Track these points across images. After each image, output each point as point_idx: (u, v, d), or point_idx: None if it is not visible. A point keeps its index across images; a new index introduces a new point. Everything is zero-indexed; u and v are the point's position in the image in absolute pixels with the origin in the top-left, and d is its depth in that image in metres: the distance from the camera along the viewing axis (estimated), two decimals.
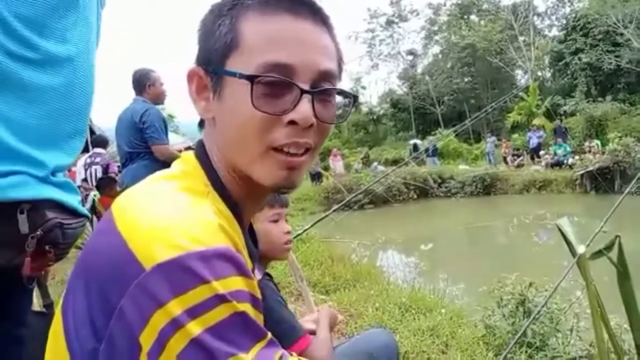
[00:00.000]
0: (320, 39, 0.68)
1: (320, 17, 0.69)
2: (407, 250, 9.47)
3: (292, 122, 0.64)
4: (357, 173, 18.79)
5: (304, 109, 0.64)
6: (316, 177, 17.46)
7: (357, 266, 5.19)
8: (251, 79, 0.63)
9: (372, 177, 14.33)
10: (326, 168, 19.61)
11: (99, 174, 6.54)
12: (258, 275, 1.40)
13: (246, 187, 0.71)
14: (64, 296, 0.65)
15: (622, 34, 25.21)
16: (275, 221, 1.52)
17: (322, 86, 0.67)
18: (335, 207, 3.38)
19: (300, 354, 1.32)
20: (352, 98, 0.76)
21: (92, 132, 8.18)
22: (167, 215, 0.59)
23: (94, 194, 5.84)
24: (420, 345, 2.92)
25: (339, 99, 0.73)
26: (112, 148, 7.75)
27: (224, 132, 0.69)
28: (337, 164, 20.02)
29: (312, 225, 3.52)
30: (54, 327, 0.65)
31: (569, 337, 2.88)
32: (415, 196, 14.43)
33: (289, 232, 1.54)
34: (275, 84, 0.64)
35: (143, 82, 3.74)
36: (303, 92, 0.64)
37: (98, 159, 6.84)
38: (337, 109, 0.73)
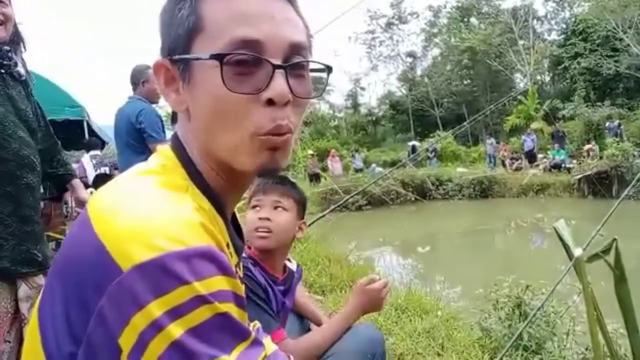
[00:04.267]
0: (286, 12, 0.65)
1: None
2: (404, 252, 9.47)
3: (269, 102, 0.62)
4: (356, 173, 18.80)
5: (279, 85, 0.61)
6: (314, 178, 17.46)
7: (354, 267, 5.18)
8: (219, 57, 0.60)
9: (370, 179, 14.33)
10: (324, 169, 19.60)
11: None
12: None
13: (227, 177, 0.69)
14: (40, 297, 0.63)
15: (621, 40, 25.31)
16: (254, 207, 1.48)
17: (294, 60, 0.64)
18: (332, 207, 3.36)
19: None
20: (327, 69, 0.72)
21: (90, 129, 8.13)
22: (145, 214, 0.56)
23: (90, 190, 5.82)
24: (416, 347, 2.92)
25: (312, 73, 0.70)
26: (112, 147, 7.79)
27: (200, 121, 0.66)
28: (335, 165, 20.02)
29: (308, 225, 3.50)
30: (30, 328, 0.63)
31: (565, 341, 2.87)
32: (413, 198, 14.43)
33: (263, 219, 1.46)
34: (245, 61, 0.61)
35: (138, 78, 3.69)
36: (275, 67, 0.61)
37: (97, 161, 6.91)
38: (313, 83, 0.70)
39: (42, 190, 2.07)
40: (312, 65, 0.69)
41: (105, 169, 6.76)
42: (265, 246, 1.47)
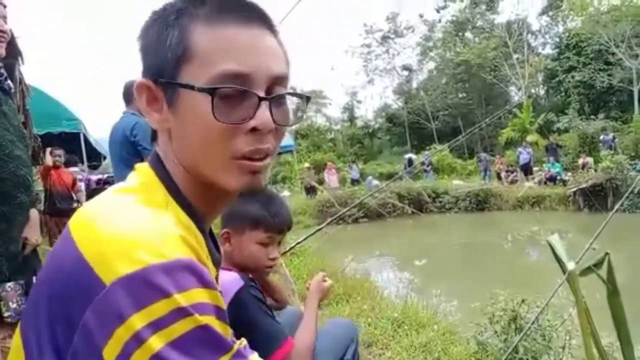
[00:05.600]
0: (269, 43, 0.68)
1: (265, 22, 0.69)
2: (400, 265, 9.44)
3: (253, 129, 0.65)
4: (353, 184, 18.80)
5: (264, 116, 0.65)
6: (310, 190, 17.45)
7: (350, 280, 5.17)
8: (210, 91, 0.63)
9: (367, 191, 14.33)
10: (321, 182, 19.60)
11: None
12: (240, 282, 1.42)
13: (208, 194, 0.71)
14: (24, 312, 0.64)
15: (613, 54, 25.58)
16: (266, 244, 1.53)
17: (276, 91, 0.68)
18: (328, 220, 3.37)
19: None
20: (305, 99, 0.78)
21: (87, 142, 8.14)
22: (126, 229, 0.58)
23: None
24: None
25: (291, 99, 0.74)
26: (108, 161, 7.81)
27: (183, 143, 0.68)
28: (331, 178, 20.03)
29: (305, 239, 3.51)
30: (15, 344, 0.64)
31: (561, 354, 2.87)
32: (409, 211, 14.44)
33: (274, 259, 1.56)
34: (233, 94, 0.64)
35: (130, 94, 3.72)
36: (261, 99, 0.65)
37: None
38: (292, 110, 0.75)
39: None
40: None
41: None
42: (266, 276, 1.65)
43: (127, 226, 0.58)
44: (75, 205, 5.92)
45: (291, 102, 0.74)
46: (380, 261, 9.87)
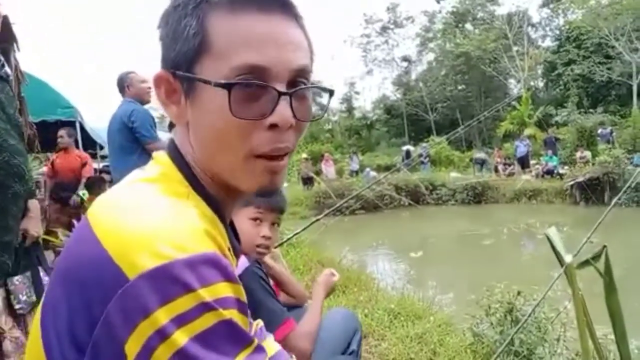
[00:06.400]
0: (292, 34, 0.65)
1: (289, 10, 0.66)
2: (397, 257, 9.47)
3: (272, 126, 0.63)
4: (352, 175, 18.81)
5: (284, 111, 0.63)
6: (308, 181, 17.45)
7: (347, 272, 5.17)
8: (227, 87, 0.60)
9: (364, 183, 14.34)
10: (318, 173, 19.60)
11: None
12: (246, 263, 1.42)
13: (224, 189, 0.70)
14: (42, 305, 0.63)
15: (613, 47, 25.56)
16: (255, 220, 1.53)
17: (298, 85, 0.65)
18: (326, 211, 3.36)
19: (281, 341, 1.35)
20: (329, 93, 0.74)
21: (83, 130, 8.09)
22: (150, 222, 0.57)
23: (83, 192, 5.79)
24: (408, 353, 2.92)
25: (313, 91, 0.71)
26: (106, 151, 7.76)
27: (200, 138, 0.67)
28: (329, 169, 20.01)
29: (302, 230, 3.50)
30: (32, 337, 0.63)
31: (556, 347, 2.89)
32: (406, 203, 14.47)
33: (266, 237, 1.55)
34: (251, 88, 0.62)
35: (122, 84, 3.92)
36: (281, 94, 0.62)
37: None
38: (313, 104, 0.71)
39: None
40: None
41: None
42: (260, 259, 1.60)
43: (150, 219, 0.57)
44: (80, 193, 5.58)
45: (318, 95, 0.71)
46: (376, 253, 9.90)
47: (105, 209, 0.62)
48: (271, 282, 1.75)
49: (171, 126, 0.68)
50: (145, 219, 0.57)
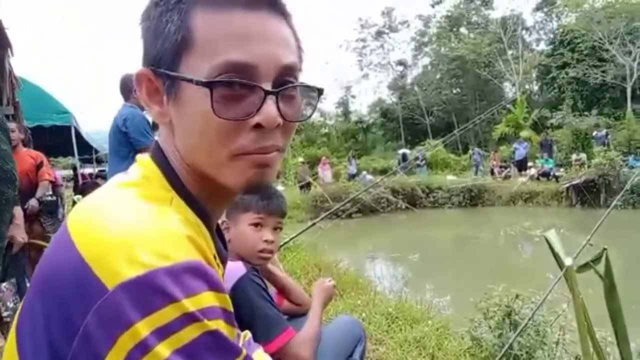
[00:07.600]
0: (279, 30, 0.62)
1: (277, 7, 0.63)
2: (394, 260, 9.45)
3: (257, 125, 0.60)
4: (350, 179, 18.81)
5: (269, 111, 0.60)
6: (304, 185, 17.44)
7: (344, 276, 5.16)
8: (209, 85, 0.58)
9: (361, 186, 14.34)
10: (315, 176, 19.58)
11: None
12: (243, 271, 1.41)
13: (211, 189, 0.66)
14: (18, 315, 0.60)
15: (607, 50, 25.72)
16: (256, 225, 1.51)
17: (285, 83, 0.62)
18: (322, 215, 3.35)
19: (280, 349, 1.33)
20: (317, 91, 0.70)
21: (78, 135, 8.06)
22: (129, 229, 0.54)
23: (77, 197, 5.75)
24: (406, 357, 2.90)
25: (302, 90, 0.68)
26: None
27: (184, 138, 0.64)
28: (325, 173, 20.02)
29: (299, 234, 3.48)
30: (8, 347, 0.60)
31: (555, 350, 2.88)
32: (403, 206, 14.47)
33: (269, 242, 1.52)
34: (235, 86, 0.59)
35: (129, 87, 3.67)
36: (267, 92, 0.60)
37: None
38: (303, 102, 0.68)
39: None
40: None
41: None
42: (264, 265, 1.58)
43: (130, 225, 0.54)
44: (33, 203, 4.20)
45: (304, 95, 0.68)
46: (373, 256, 9.88)
47: (82, 213, 0.59)
48: (273, 289, 1.73)
49: (155, 127, 0.65)
50: (125, 225, 0.54)
